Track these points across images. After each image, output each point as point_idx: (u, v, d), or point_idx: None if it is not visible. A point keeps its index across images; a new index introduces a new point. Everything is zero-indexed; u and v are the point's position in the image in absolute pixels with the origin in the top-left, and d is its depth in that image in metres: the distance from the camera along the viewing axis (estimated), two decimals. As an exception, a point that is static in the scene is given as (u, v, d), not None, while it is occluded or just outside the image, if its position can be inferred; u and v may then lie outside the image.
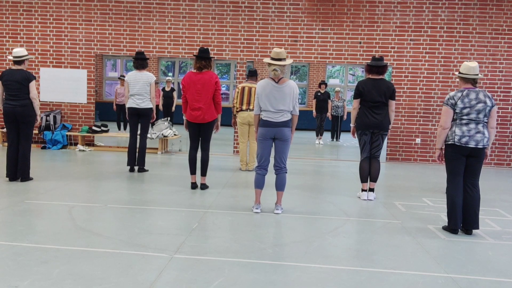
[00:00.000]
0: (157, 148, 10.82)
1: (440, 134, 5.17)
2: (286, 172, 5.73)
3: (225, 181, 7.65)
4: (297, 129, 5.96)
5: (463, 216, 5.09)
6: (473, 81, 5.07)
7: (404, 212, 6.09)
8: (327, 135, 15.12)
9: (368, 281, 3.76)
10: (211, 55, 6.69)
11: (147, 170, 8.14)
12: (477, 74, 5.07)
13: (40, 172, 7.78)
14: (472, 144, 4.97)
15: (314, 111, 14.32)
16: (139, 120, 8.01)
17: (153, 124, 11.75)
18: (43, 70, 10.82)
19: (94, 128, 10.90)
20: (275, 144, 5.69)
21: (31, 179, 7.05)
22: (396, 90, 10.61)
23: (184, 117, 6.83)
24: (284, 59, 5.59)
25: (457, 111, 5.01)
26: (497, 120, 10.41)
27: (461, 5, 10.34)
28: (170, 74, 20.53)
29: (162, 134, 10.73)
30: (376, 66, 6.53)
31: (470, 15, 10.34)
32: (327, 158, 11.94)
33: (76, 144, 10.86)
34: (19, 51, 6.92)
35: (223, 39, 10.67)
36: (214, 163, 9.53)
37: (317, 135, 14.39)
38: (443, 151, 5.22)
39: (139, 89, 7.85)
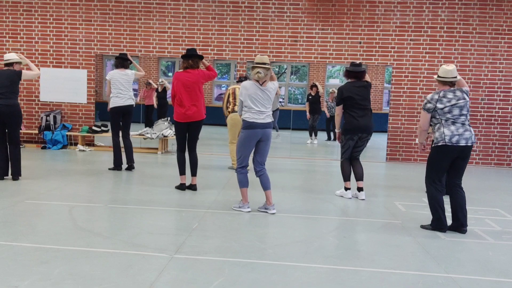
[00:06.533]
0: (157, 148, 10.82)
1: (420, 133, 5.44)
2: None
3: (225, 181, 7.65)
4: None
5: (457, 216, 5.22)
6: (451, 84, 5.19)
7: (404, 212, 6.10)
8: (323, 135, 15.19)
9: (368, 281, 3.77)
10: (200, 54, 6.72)
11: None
12: (455, 77, 5.18)
13: (40, 172, 7.78)
14: (462, 143, 5.08)
15: (307, 113, 14.53)
16: (123, 118, 8.14)
17: (152, 124, 11.76)
18: (43, 70, 10.79)
19: (94, 128, 10.89)
20: (257, 145, 5.73)
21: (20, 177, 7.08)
22: (396, 90, 10.72)
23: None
24: (268, 64, 5.65)
25: (439, 112, 5.12)
26: (497, 120, 10.49)
27: (461, 5, 10.33)
28: (170, 74, 20.53)
29: (162, 134, 10.73)
30: (354, 72, 6.63)
31: (470, 15, 10.33)
32: (325, 158, 11.94)
33: (76, 144, 10.86)
34: (9, 55, 7.03)
35: (223, 39, 10.66)
36: (214, 163, 9.53)
37: (310, 135, 14.64)
38: (430, 151, 5.32)
39: (124, 87, 8.02)
